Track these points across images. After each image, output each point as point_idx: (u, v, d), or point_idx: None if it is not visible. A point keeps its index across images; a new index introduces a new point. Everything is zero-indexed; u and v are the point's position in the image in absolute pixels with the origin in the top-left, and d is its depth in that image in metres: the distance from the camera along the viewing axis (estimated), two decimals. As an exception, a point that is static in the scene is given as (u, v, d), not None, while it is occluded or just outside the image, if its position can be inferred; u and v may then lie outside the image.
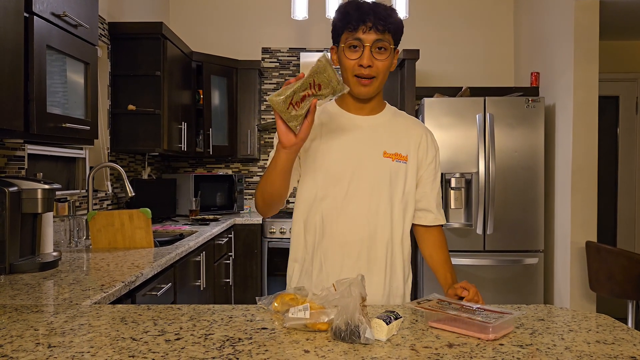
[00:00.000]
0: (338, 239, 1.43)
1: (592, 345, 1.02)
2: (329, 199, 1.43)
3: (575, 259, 3.38)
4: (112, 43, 3.26)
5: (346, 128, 1.46)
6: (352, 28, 1.35)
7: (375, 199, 1.43)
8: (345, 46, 1.38)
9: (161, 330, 1.09)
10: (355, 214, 1.43)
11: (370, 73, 1.37)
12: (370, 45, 1.35)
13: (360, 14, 1.34)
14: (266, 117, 4.57)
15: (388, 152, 1.44)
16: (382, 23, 1.34)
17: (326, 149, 1.44)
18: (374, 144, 1.45)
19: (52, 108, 1.84)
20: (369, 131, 1.46)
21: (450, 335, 1.07)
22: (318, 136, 1.45)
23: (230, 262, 3.68)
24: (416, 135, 1.50)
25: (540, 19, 3.91)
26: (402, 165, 1.45)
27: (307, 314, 1.07)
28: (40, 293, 1.50)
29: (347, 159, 1.43)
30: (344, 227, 1.43)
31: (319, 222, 1.45)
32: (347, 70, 1.39)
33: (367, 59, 1.35)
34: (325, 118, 1.48)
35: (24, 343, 1.02)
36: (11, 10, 1.58)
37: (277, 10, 4.49)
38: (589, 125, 3.36)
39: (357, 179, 1.43)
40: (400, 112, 1.56)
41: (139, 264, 1.95)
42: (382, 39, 1.36)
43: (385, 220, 1.44)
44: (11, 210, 1.75)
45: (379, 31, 1.34)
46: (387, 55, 1.38)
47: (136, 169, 3.77)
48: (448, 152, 3.62)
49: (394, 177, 1.44)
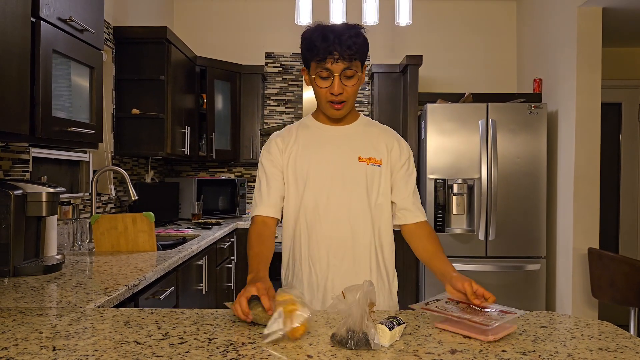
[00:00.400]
0: (323, 242, 1.52)
1: (594, 352, 1.02)
2: (311, 205, 1.52)
3: (578, 266, 3.37)
4: (116, 47, 3.28)
5: (322, 138, 1.57)
6: (320, 59, 1.43)
7: (354, 201, 1.52)
8: (316, 76, 1.47)
9: (165, 334, 1.10)
10: (336, 217, 1.52)
11: (341, 99, 1.47)
12: (339, 74, 1.44)
13: (326, 45, 1.41)
14: (269, 122, 4.58)
15: (363, 157, 1.54)
16: (347, 52, 1.41)
17: (305, 160, 1.54)
18: (349, 150, 1.55)
19: (57, 112, 1.85)
20: (344, 139, 1.56)
21: (453, 341, 1.07)
22: (296, 150, 1.56)
23: (232, 266, 3.69)
24: (388, 142, 1.59)
25: (543, 25, 3.93)
26: (376, 169, 1.55)
27: (280, 323, 1.04)
28: (44, 296, 1.51)
29: (325, 167, 1.53)
30: (328, 230, 1.52)
31: (304, 228, 1.54)
32: (320, 96, 1.50)
33: (338, 87, 1.44)
34: (302, 132, 1.60)
35: (29, 346, 1.03)
36: (18, 15, 1.59)
37: (280, 15, 4.51)
38: (591, 132, 3.36)
39: (336, 184, 1.52)
40: (374, 121, 1.66)
41: (142, 267, 1.96)
42: (350, 67, 1.44)
43: (366, 220, 1.53)
44: (16, 213, 1.76)
45: (346, 60, 1.42)
46: (355, 81, 1.47)
47: (139, 172, 3.78)
48: (450, 157, 3.62)
49: (369, 179, 1.54)
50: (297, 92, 4.58)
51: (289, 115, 4.59)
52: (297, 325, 1.05)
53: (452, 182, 3.62)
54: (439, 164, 3.64)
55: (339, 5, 3.50)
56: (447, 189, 3.63)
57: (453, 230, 3.64)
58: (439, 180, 3.64)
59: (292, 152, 1.57)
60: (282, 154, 1.58)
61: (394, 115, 4.13)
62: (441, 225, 3.63)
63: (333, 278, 1.51)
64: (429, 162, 3.64)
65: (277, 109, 4.60)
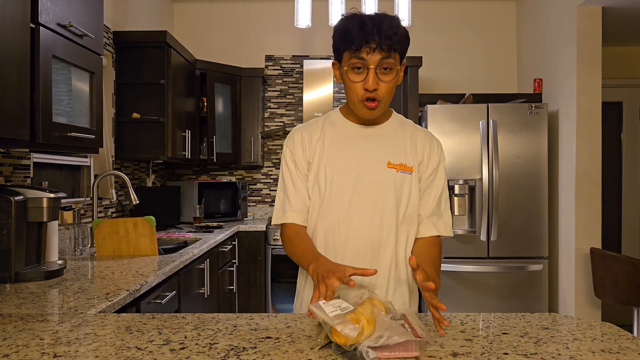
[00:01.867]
0: (341, 251, 1.40)
1: (597, 354, 1.02)
2: (332, 210, 1.40)
3: (580, 266, 3.36)
4: (116, 52, 3.29)
5: (349, 138, 1.43)
6: (355, 49, 1.28)
7: (379, 210, 1.39)
8: (348, 68, 1.32)
9: (166, 340, 1.09)
10: (358, 226, 1.39)
11: (375, 95, 1.32)
12: (375, 66, 1.29)
13: (363, 33, 1.27)
14: (269, 124, 4.58)
15: (392, 163, 1.41)
16: (387, 42, 1.27)
17: (329, 160, 1.42)
18: (378, 154, 1.41)
19: (57, 117, 1.86)
20: (373, 141, 1.42)
21: (455, 344, 1.07)
22: (320, 149, 1.44)
23: (234, 270, 3.69)
24: (422, 146, 1.45)
25: (543, 25, 3.92)
26: (407, 177, 1.41)
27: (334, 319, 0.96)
28: (45, 302, 1.51)
29: (350, 170, 1.40)
30: (347, 239, 1.40)
31: (322, 234, 1.42)
32: (352, 93, 1.35)
33: (372, 82, 1.30)
34: (328, 128, 1.46)
35: (30, 352, 1.03)
36: (18, 21, 1.60)
37: (280, 18, 4.52)
38: (592, 131, 3.36)
39: (360, 190, 1.39)
40: (407, 120, 1.51)
41: (144, 272, 1.96)
42: (388, 59, 1.29)
43: (390, 232, 1.40)
44: (17, 219, 1.76)
45: (384, 50, 1.28)
46: (393, 76, 1.32)
47: (140, 176, 3.79)
48: (451, 158, 3.62)
49: (398, 188, 1.40)
50: (297, 95, 4.58)
51: (289, 118, 4.60)
52: (345, 333, 0.96)
53: (453, 183, 3.61)
54: (440, 165, 3.63)
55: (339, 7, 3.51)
56: (449, 190, 3.62)
57: (455, 231, 3.64)
58: (440, 181, 3.63)
59: (317, 150, 1.43)
60: (305, 152, 1.44)
61: (395, 117, 4.12)
62: (443, 226, 3.62)
63: None
64: (430, 163, 3.63)
65: (278, 112, 4.60)
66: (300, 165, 1.45)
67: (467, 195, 3.62)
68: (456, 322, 1.23)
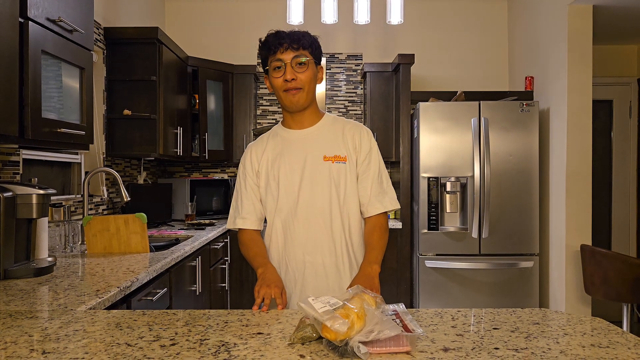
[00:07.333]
0: (298, 241, 1.62)
1: (587, 348, 1.02)
2: (285, 207, 1.63)
3: (570, 262, 3.39)
4: (107, 48, 3.26)
5: (289, 143, 1.67)
6: (273, 52, 1.57)
7: (323, 199, 1.61)
8: (270, 69, 1.60)
9: (156, 336, 1.09)
10: (308, 217, 1.61)
11: (295, 85, 1.57)
12: (290, 62, 1.56)
13: (277, 38, 1.56)
14: (262, 122, 4.57)
15: (327, 156, 1.63)
16: (296, 42, 1.56)
17: (275, 166, 1.65)
18: (314, 151, 1.64)
19: (47, 113, 1.84)
20: (308, 141, 1.66)
21: (446, 339, 1.07)
22: (266, 158, 1.68)
23: (226, 267, 3.68)
24: (351, 137, 1.66)
25: (534, 23, 3.94)
26: (342, 166, 1.63)
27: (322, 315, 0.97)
28: (34, 299, 1.49)
29: (294, 170, 1.63)
30: (301, 230, 1.62)
31: (280, 228, 1.65)
32: (277, 88, 1.60)
33: (289, 74, 1.56)
34: (271, 140, 1.70)
35: (18, 349, 1.02)
36: (6, 16, 1.58)
37: (272, 15, 4.50)
38: (583, 129, 3.38)
39: (305, 185, 1.62)
40: (339, 118, 1.73)
41: (135, 269, 1.95)
42: (299, 55, 1.56)
43: (336, 217, 1.62)
44: (6, 215, 1.75)
45: (295, 49, 1.56)
46: (306, 68, 1.58)
47: (132, 173, 3.76)
48: (443, 156, 3.63)
49: (336, 177, 1.62)
50: (289, 92, 4.56)
51: (281, 115, 4.57)
52: (333, 328, 0.97)
53: (445, 181, 3.62)
54: (431, 162, 3.64)
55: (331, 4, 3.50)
56: (440, 188, 3.64)
57: (446, 228, 3.65)
58: (432, 178, 3.64)
59: (264, 160, 1.68)
60: (253, 166, 1.70)
61: (387, 114, 4.13)
62: (434, 223, 3.64)
63: (308, 274, 1.62)
64: (422, 161, 3.65)
65: (270, 109, 4.60)
66: (249, 178, 1.70)
67: (459, 193, 3.63)
68: (447, 318, 1.24)
